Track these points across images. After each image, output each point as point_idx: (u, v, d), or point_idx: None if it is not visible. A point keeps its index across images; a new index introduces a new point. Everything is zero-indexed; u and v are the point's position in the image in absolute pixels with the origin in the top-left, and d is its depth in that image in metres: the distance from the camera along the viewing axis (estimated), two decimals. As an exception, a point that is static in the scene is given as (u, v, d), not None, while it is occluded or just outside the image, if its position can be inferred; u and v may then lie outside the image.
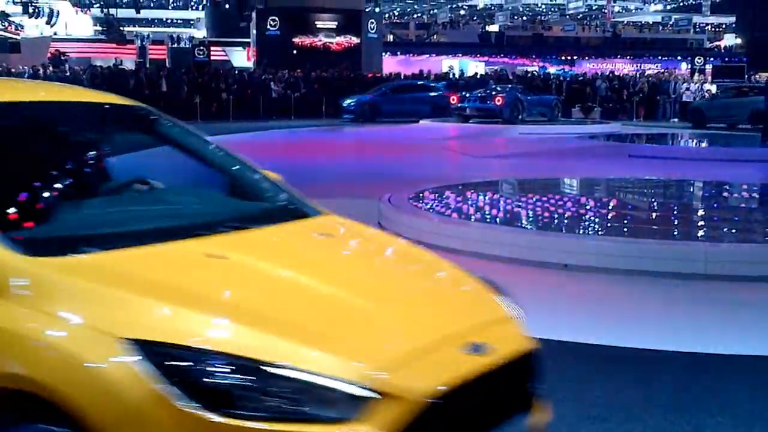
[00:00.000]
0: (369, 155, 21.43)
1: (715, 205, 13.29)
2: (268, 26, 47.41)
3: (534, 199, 12.55)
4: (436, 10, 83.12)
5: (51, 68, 41.62)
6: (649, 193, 14.60)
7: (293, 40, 47.03)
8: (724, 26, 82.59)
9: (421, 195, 12.33)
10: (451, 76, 50.49)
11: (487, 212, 11.49)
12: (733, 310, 7.54)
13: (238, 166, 4.57)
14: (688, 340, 6.56)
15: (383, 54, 55.28)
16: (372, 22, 50.26)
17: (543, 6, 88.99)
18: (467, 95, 34.05)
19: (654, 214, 12.11)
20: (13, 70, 40.98)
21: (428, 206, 11.58)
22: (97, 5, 66.58)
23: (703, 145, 26.78)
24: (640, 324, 7.07)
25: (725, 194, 14.58)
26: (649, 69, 61.36)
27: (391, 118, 34.25)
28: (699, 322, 7.16)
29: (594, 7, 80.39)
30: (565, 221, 10.70)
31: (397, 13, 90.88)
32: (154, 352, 2.79)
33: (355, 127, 33.44)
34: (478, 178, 15.19)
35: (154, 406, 2.74)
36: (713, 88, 39.29)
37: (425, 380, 2.97)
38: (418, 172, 17.02)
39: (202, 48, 47.32)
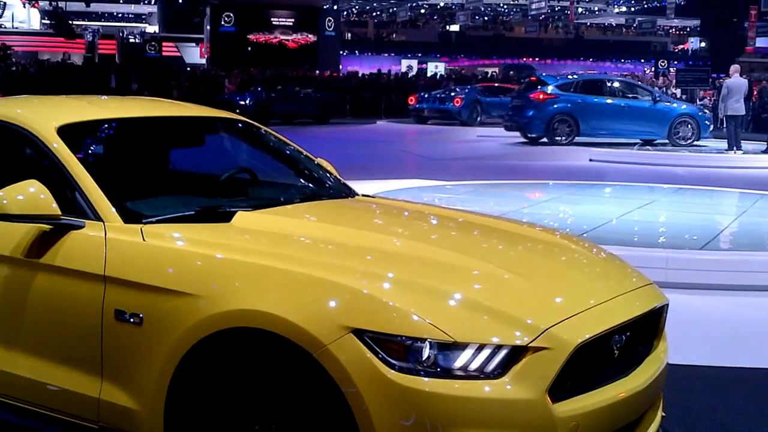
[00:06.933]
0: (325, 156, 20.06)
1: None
2: (223, 22, 46.42)
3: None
4: (395, 9, 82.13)
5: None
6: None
7: (248, 36, 46.09)
8: (688, 29, 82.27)
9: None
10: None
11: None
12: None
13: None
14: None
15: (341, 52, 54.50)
16: (330, 20, 49.41)
17: (505, 6, 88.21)
18: (425, 95, 33.11)
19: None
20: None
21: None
22: (46, -2, 64.83)
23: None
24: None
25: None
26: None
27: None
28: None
29: (557, 8, 79.76)
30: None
31: (355, 11, 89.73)
32: None
33: (310, 127, 32.17)
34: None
35: None
36: (678, 93, 38.39)
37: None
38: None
39: (153, 43, 46.55)
